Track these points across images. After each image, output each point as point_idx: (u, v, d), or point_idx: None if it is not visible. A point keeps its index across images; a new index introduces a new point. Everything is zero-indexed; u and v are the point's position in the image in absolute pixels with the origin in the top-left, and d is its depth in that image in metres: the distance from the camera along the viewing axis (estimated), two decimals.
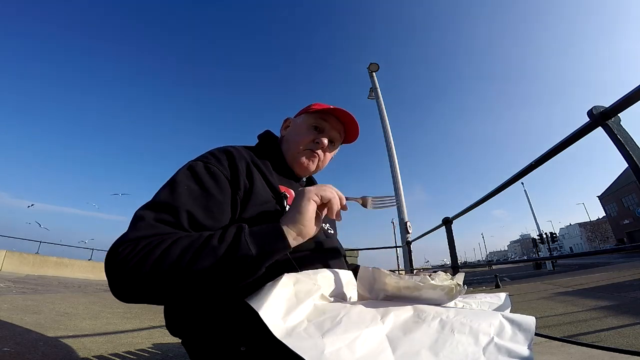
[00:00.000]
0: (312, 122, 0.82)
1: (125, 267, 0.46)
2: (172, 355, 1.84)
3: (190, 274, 0.46)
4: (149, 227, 0.51)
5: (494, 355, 0.39)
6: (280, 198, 0.69)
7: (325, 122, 0.82)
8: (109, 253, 0.48)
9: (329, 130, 0.83)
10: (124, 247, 0.47)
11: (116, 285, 0.47)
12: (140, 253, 0.46)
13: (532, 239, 25.05)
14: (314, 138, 0.81)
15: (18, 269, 8.62)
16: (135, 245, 0.47)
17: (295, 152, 0.81)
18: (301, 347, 0.39)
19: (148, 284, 0.46)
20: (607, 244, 46.61)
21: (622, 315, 3.57)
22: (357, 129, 0.86)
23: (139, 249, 0.47)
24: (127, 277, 0.46)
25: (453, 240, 2.33)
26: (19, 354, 1.53)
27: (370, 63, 8.28)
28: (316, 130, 0.82)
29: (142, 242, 0.48)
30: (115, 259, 0.47)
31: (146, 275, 0.45)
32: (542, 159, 1.19)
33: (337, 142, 0.87)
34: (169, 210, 0.54)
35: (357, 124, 0.84)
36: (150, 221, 0.52)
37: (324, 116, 0.82)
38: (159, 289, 0.46)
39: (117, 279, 0.47)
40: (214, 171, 0.61)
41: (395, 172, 6.78)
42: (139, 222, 0.52)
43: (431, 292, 0.55)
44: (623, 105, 0.83)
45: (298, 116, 0.87)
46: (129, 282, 0.46)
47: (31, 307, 2.97)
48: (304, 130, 0.82)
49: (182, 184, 0.58)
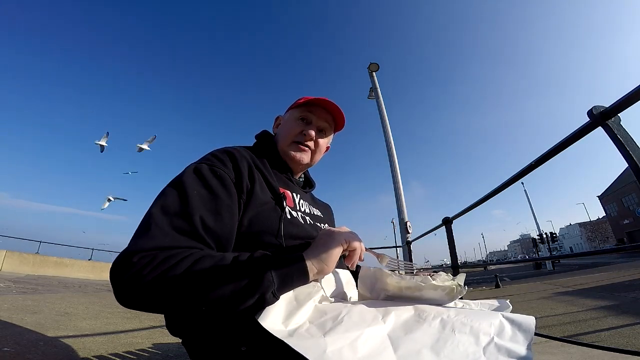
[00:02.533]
0: (299, 115, 0.83)
1: (140, 281, 0.44)
2: (172, 355, 1.84)
3: (207, 299, 0.45)
4: (165, 235, 0.49)
5: (494, 354, 0.39)
6: (280, 199, 0.69)
7: (311, 113, 0.83)
8: (121, 260, 0.46)
9: (316, 120, 0.84)
10: (140, 256, 0.45)
11: (125, 294, 0.46)
12: (158, 269, 0.44)
13: (532, 238, 25.07)
14: (301, 130, 0.82)
15: (18, 269, 8.63)
16: (153, 259, 0.45)
17: (285, 146, 0.83)
18: (303, 346, 0.39)
19: (160, 301, 0.45)
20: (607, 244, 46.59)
21: (622, 315, 3.57)
22: (343, 117, 0.87)
23: (156, 263, 0.45)
24: (140, 291, 0.45)
25: (453, 240, 2.33)
26: (19, 354, 1.53)
27: (370, 63, 8.28)
28: (303, 122, 0.83)
29: (159, 256, 0.46)
30: (128, 269, 0.45)
31: (161, 293, 0.44)
32: (542, 159, 1.19)
33: (328, 130, 0.88)
34: (183, 216, 0.53)
35: (342, 112, 0.85)
36: (165, 228, 0.50)
37: (309, 108, 0.83)
38: (170, 306, 0.46)
39: (128, 289, 0.45)
40: (220, 174, 0.61)
41: (395, 171, 6.78)
42: (153, 229, 0.50)
43: (432, 292, 0.56)
44: (623, 105, 0.83)
45: (286, 112, 0.88)
46: (141, 295, 0.45)
47: (31, 307, 2.96)
48: (291, 124, 0.83)
49: (192, 188, 0.57)
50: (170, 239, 0.49)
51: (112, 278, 0.46)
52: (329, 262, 0.55)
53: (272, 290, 0.47)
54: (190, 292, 0.45)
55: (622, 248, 1.06)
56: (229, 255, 0.51)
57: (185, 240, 0.51)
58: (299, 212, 0.74)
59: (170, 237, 0.50)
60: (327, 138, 0.89)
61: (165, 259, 0.46)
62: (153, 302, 0.46)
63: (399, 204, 6.53)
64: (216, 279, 0.46)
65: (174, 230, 0.51)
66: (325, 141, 0.89)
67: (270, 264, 0.50)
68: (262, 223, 0.63)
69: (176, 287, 0.45)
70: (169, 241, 0.49)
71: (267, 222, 0.64)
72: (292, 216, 0.70)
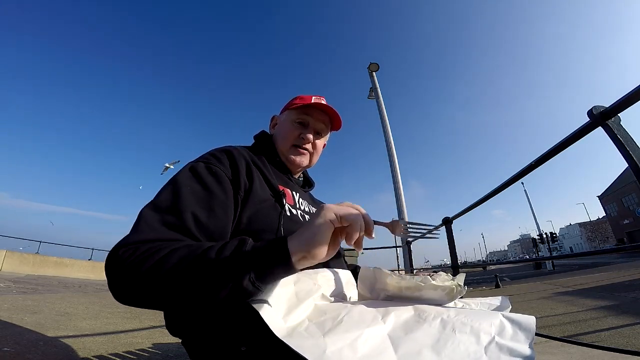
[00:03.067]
0: (295, 117, 0.83)
1: (121, 271, 0.46)
2: (172, 355, 1.84)
3: (182, 285, 0.44)
4: (152, 230, 0.50)
5: (495, 354, 0.39)
6: (279, 196, 0.69)
7: (308, 116, 0.83)
8: (110, 254, 0.48)
9: (313, 123, 0.84)
10: (124, 249, 0.47)
11: (113, 286, 0.47)
12: (138, 259, 0.45)
13: (532, 238, 25.06)
14: (299, 133, 0.82)
15: (18, 269, 8.62)
16: (135, 250, 0.47)
17: (285, 149, 0.83)
18: (303, 346, 0.39)
19: (142, 289, 0.45)
20: (607, 244, 46.58)
21: (622, 315, 3.57)
22: (339, 118, 0.87)
23: (138, 254, 0.46)
24: (123, 280, 0.46)
25: (453, 240, 2.33)
26: (19, 353, 1.52)
27: (370, 63, 8.29)
28: (301, 125, 0.83)
29: (142, 247, 0.47)
30: (114, 262, 0.47)
31: (141, 281, 0.45)
32: (542, 158, 1.19)
33: (325, 131, 0.89)
34: (173, 212, 0.53)
35: (339, 114, 0.85)
36: (154, 224, 0.51)
37: (306, 110, 0.83)
38: (153, 295, 0.46)
39: (114, 280, 0.47)
40: (215, 171, 0.62)
41: (396, 171, 6.78)
42: (142, 225, 0.51)
43: (432, 292, 0.56)
44: (623, 105, 0.83)
45: (282, 113, 0.89)
46: (125, 285, 0.46)
47: (31, 307, 2.96)
48: (289, 127, 0.83)
49: (185, 185, 0.58)
50: (155, 233, 0.50)
51: (105, 272, 0.48)
52: (315, 244, 0.45)
53: (249, 277, 0.43)
54: (165, 279, 0.44)
55: (622, 248, 1.06)
56: (207, 244, 0.48)
57: (172, 234, 0.51)
58: (298, 210, 0.75)
59: (156, 231, 0.50)
60: (324, 138, 0.90)
61: (146, 250, 0.46)
62: (138, 294, 0.46)
63: (399, 204, 6.54)
64: (189, 267, 0.44)
65: (162, 225, 0.52)
66: (322, 141, 0.90)
67: (246, 248, 0.45)
68: (261, 220, 0.63)
69: (153, 274, 0.44)
70: (154, 235, 0.50)
71: (267, 220, 0.64)
72: (292, 214, 0.70)
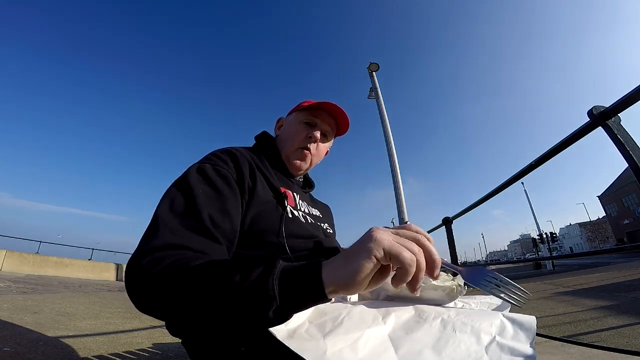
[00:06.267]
0: (303, 118, 0.83)
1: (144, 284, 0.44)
2: (172, 355, 1.84)
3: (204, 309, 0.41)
4: (172, 234, 0.49)
5: (496, 353, 0.39)
6: (281, 198, 0.69)
7: (316, 117, 0.83)
8: (132, 262, 0.46)
9: (320, 124, 0.84)
10: (148, 259, 0.45)
11: (135, 297, 0.45)
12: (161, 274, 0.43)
13: (532, 238, 25.05)
14: (306, 134, 0.82)
15: (18, 268, 8.61)
16: (160, 261, 0.44)
17: (290, 151, 0.83)
18: (303, 348, 0.39)
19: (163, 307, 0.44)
20: (607, 244, 46.55)
21: (622, 315, 3.57)
22: (348, 121, 0.87)
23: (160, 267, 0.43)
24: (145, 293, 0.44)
25: (453, 240, 2.33)
26: (19, 353, 1.52)
27: (370, 63, 8.28)
28: (308, 126, 0.83)
29: (166, 259, 0.45)
30: (136, 271, 0.45)
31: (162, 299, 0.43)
32: (542, 158, 1.19)
33: (330, 135, 0.88)
34: (191, 214, 0.53)
35: (347, 116, 0.85)
36: (174, 227, 0.50)
37: (314, 112, 0.83)
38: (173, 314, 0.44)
39: (137, 291, 0.45)
40: (224, 173, 0.62)
41: (396, 171, 6.77)
42: (162, 228, 0.49)
43: (432, 292, 0.56)
44: (623, 105, 0.83)
45: (289, 115, 0.88)
46: (146, 298, 0.45)
47: (31, 307, 2.96)
48: (296, 128, 0.83)
49: (197, 187, 0.57)
50: (177, 237, 0.49)
51: (125, 282, 0.46)
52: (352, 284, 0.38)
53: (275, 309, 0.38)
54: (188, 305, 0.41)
55: (622, 248, 1.06)
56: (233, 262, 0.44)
57: (197, 238, 0.50)
58: (299, 212, 0.75)
59: (178, 236, 0.49)
60: (328, 142, 0.90)
61: (171, 264, 0.44)
62: (157, 309, 0.45)
63: (399, 203, 6.53)
64: (213, 292, 0.40)
65: (183, 228, 0.50)
66: (326, 145, 0.90)
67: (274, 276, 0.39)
68: (263, 222, 0.64)
69: (175, 298, 0.42)
70: (179, 240, 0.48)
71: (269, 221, 0.64)
72: (294, 215, 0.71)
